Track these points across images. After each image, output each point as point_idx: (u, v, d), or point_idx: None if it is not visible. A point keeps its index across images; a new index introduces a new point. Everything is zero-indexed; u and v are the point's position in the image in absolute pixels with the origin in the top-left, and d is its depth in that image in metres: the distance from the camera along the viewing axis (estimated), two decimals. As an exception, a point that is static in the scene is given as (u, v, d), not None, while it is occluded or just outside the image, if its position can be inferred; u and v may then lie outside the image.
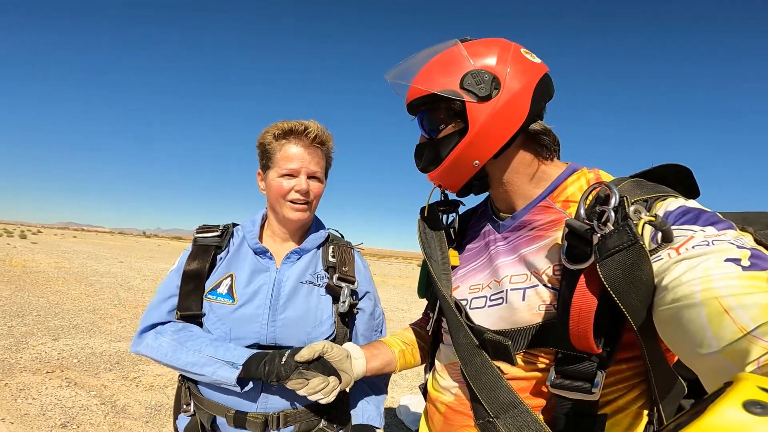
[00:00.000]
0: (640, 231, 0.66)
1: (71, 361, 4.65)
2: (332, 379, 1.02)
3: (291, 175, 1.22)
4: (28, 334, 5.53)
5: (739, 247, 0.58)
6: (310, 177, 1.24)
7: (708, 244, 0.59)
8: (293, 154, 1.22)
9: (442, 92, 0.82)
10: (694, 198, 0.77)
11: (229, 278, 1.23)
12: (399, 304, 12.07)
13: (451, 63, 0.84)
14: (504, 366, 0.81)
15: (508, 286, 0.82)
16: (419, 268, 1.06)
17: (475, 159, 0.84)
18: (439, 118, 0.86)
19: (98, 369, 4.50)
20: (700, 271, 0.56)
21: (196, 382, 1.21)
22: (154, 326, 1.22)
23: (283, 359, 1.06)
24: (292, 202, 1.23)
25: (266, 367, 1.06)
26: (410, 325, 1.26)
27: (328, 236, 1.41)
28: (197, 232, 1.33)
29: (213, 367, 1.09)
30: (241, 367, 1.07)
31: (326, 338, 1.22)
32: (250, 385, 1.14)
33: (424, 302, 1.14)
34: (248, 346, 1.16)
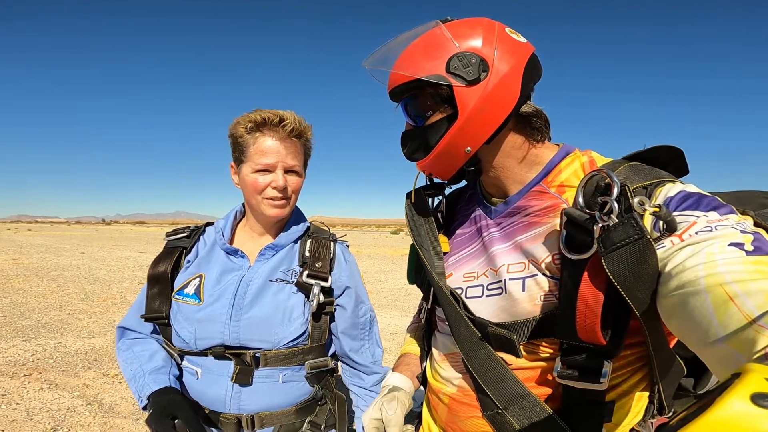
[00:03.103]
0: (643, 221, 0.65)
1: (47, 362, 4.53)
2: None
3: (267, 170, 1.16)
4: (-3, 338, 5.34)
5: (742, 231, 0.57)
6: (288, 171, 1.19)
7: (711, 230, 0.59)
8: (268, 147, 1.15)
9: (427, 77, 0.78)
10: (683, 176, 0.78)
11: (198, 278, 1.21)
12: (376, 275, 12.19)
13: (435, 46, 0.80)
14: (508, 357, 0.79)
15: (506, 276, 0.80)
16: (393, 236, 0.99)
17: (466, 145, 0.80)
18: (425, 105, 0.82)
19: (77, 368, 4.41)
20: (704, 256, 0.56)
21: (177, 379, 1.22)
22: (123, 329, 1.29)
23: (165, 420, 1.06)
24: (269, 198, 1.18)
25: (151, 411, 1.08)
26: (409, 329, 1.20)
27: (308, 228, 1.34)
28: (167, 235, 1.32)
29: (135, 396, 1.17)
30: (146, 401, 1.13)
31: (296, 337, 1.18)
32: (221, 385, 1.16)
33: (401, 271, 1.10)
34: (213, 347, 1.15)
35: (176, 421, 1.06)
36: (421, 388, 1.02)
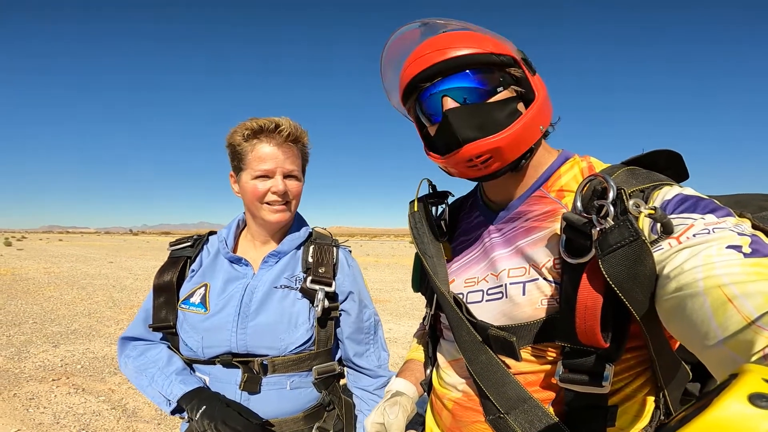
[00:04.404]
0: (640, 224, 0.66)
1: (75, 367, 4.69)
2: None
3: (266, 176, 1.17)
4: (28, 343, 5.54)
5: (739, 234, 0.57)
6: (287, 176, 1.20)
7: (708, 232, 0.59)
8: (266, 154, 1.16)
9: (504, 56, 0.79)
10: (683, 180, 0.77)
11: (203, 288, 1.22)
12: (394, 284, 12.18)
13: (495, 36, 0.83)
14: (510, 361, 0.79)
15: (506, 280, 0.80)
16: (411, 245, 1.00)
17: (540, 123, 0.81)
18: (497, 81, 0.79)
19: (103, 373, 4.54)
20: (702, 258, 0.56)
21: None
22: (128, 339, 1.29)
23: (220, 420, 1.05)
24: (269, 204, 1.19)
25: (197, 412, 1.07)
26: (415, 335, 1.20)
27: (311, 234, 1.34)
28: (171, 245, 1.34)
29: (157, 399, 1.17)
30: (175, 404, 1.13)
31: (303, 343, 1.18)
32: (229, 393, 1.16)
33: None
34: (220, 355, 1.15)
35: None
36: (425, 394, 1.02)
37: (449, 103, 0.78)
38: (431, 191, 1.02)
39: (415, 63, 0.80)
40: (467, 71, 0.78)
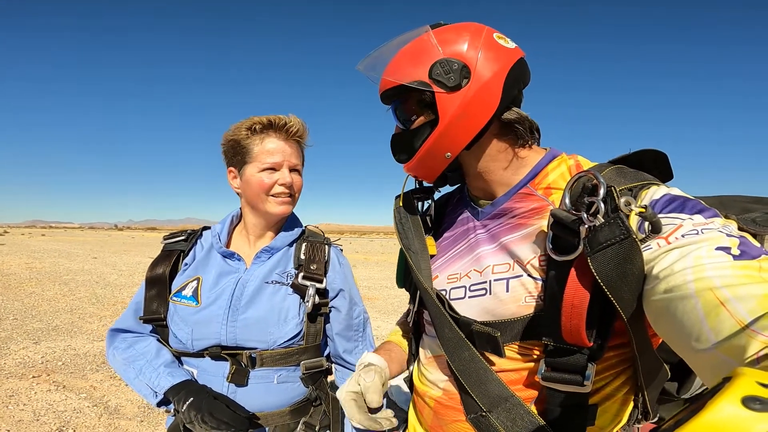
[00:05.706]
0: (629, 222, 0.65)
1: (56, 364, 4.60)
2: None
3: (273, 168, 1.22)
4: (8, 339, 5.41)
5: (728, 235, 0.57)
6: (291, 170, 1.25)
7: (697, 233, 0.59)
8: (274, 147, 1.21)
9: (410, 84, 0.80)
10: (668, 180, 0.78)
11: (196, 281, 1.24)
12: (382, 281, 12.19)
13: (421, 52, 0.81)
14: (493, 358, 0.79)
15: (491, 276, 0.80)
16: (400, 245, 0.99)
17: (446, 151, 0.82)
18: (410, 110, 0.85)
19: (85, 370, 4.46)
20: (692, 260, 0.56)
21: None
22: (118, 331, 1.29)
23: (206, 412, 1.05)
24: (275, 196, 1.23)
25: (184, 404, 1.08)
26: (397, 323, 1.19)
27: (303, 232, 1.38)
28: (165, 239, 1.36)
29: (144, 392, 1.18)
30: (162, 396, 1.14)
31: (291, 338, 1.20)
32: (216, 386, 1.16)
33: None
34: (210, 347, 1.17)
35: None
36: (409, 392, 1.02)
37: (395, 128, 0.93)
38: (417, 186, 1.02)
39: (378, 85, 0.90)
40: (393, 101, 0.89)
